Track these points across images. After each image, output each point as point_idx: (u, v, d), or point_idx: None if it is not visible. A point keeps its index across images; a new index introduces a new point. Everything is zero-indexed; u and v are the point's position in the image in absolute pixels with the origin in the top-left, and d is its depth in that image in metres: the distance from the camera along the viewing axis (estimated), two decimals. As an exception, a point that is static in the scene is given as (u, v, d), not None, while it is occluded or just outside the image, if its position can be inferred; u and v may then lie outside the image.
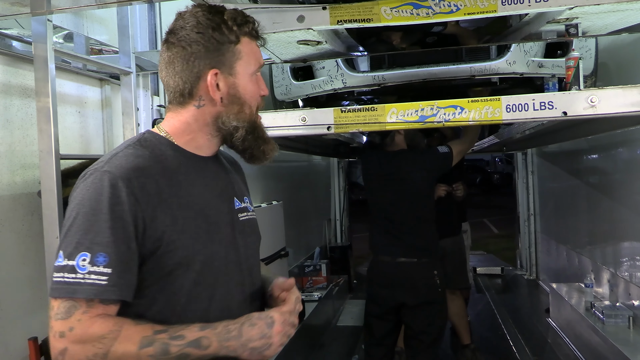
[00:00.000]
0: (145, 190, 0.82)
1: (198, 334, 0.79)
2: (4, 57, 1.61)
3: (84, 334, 0.75)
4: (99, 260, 0.77)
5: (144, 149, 0.88)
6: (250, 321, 0.84)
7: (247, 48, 0.92)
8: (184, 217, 0.86)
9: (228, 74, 0.90)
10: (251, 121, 0.93)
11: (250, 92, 0.93)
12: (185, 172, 0.90)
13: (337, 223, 5.67)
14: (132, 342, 0.76)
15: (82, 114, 1.97)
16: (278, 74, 2.78)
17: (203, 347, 0.79)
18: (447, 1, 1.55)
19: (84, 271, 0.76)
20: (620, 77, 2.67)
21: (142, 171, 0.83)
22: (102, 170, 0.82)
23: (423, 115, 1.69)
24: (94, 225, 0.78)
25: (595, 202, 3.04)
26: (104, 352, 0.75)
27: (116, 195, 0.80)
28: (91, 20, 2.04)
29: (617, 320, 2.40)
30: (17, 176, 1.62)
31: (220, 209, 0.94)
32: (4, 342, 1.53)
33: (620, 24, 1.71)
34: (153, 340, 0.77)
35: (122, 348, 0.76)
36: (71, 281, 0.76)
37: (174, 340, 0.78)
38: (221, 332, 0.81)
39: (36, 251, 1.62)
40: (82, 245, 0.78)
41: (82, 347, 0.75)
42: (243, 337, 0.82)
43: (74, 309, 0.76)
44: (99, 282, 0.77)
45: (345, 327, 4.08)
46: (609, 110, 1.56)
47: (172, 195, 0.86)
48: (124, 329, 0.77)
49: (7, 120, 1.60)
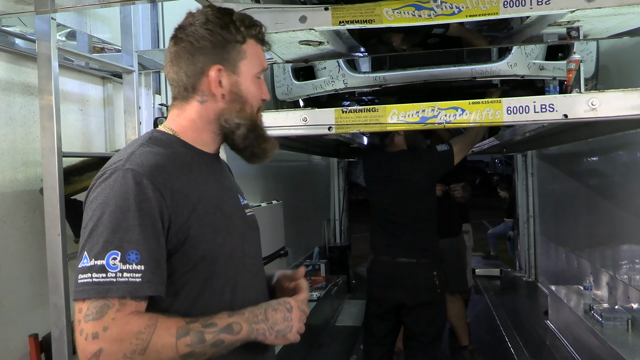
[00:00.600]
0: (168, 187, 0.83)
1: (228, 320, 0.83)
2: (7, 54, 1.61)
3: (121, 332, 0.75)
4: (131, 258, 0.77)
5: (158, 147, 0.89)
6: (272, 306, 0.89)
7: (252, 50, 0.94)
8: (205, 212, 0.87)
9: (231, 72, 0.92)
10: (252, 120, 0.95)
11: (252, 92, 0.94)
12: (199, 169, 0.91)
13: (337, 223, 5.67)
14: (169, 333, 0.77)
15: (84, 112, 1.98)
16: (279, 74, 2.79)
17: (235, 332, 0.83)
18: (449, 3, 1.55)
19: (116, 269, 0.76)
20: (621, 80, 2.67)
21: (163, 168, 0.85)
22: (124, 169, 0.82)
23: (424, 116, 1.70)
24: (123, 223, 0.78)
25: (594, 204, 3.04)
26: (142, 347, 0.75)
27: (142, 192, 0.80)
28: (94, 19, 2.05)
29: (616, 323, 2.40)
30: (19, 173, 1.63)
31: (231, 203, 0.97)
32: (4, 339, 1.53)
33: (622, 27, 1.72)
34: (188, 330, 0.79)
35: (161, 341, 0.76)
36: (102, 281, 0.75)
37: (208, 328, 0.80)
38: (249, 317, 0.85)
39: (37, 248, 1.63)
40: (111, 244, 0.77)
41: (119, 345, 0.75)
42: (269, 320, 0.87)
43: (106, 309, 0.75)
44: (133, 279, 0.76)
45: (344, 327, 4.09)
46: (609, 113, 1.57)
47: (192, 190, 0.87)
48: (159, 323, 0.78)
49: (9, 118, 1.61)
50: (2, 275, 1.54)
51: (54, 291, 1.45)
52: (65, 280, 1.45)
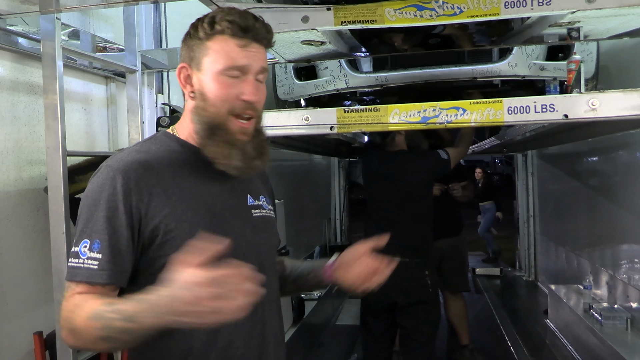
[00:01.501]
0: (142, 182, 0.86)
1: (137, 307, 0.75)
2: (12, 54, 1.62)
3: (63, 310, 0.83)
4: (95, 247, 0.84)
5: (151, 145, 0.93)
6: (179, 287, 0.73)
7: (218, 46, 0.89)
8: (185, 208, 0.88)
9: (197, 69, 0.91)
10: (213, 122, 0.89)
11: (213, 90, 0.89)
12: (192, 167, 0.92)
13: (337, 222, 5.68)
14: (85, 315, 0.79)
15: (88, 111, 1.99)
16: (281, 74, 2.80)
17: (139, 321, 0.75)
18: (451, 3, 1.56)
19: (84, 256, 0.84)
20: (622, 80, 2.68)
21: (141, 164, 0.88)
22: (105, 165, 0.89)
23: (425, 116, 1.71)
24: (93, 215, 0.85)
25: (594, 204, 3.05)
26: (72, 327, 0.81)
27: (112, 187, 0.86)
28: (97, 19, 2.06)
29: (615, 322, 2.41)
30: (23, 172, 1.64)
31: (230, 203, 0.95)
32: (9, 336, 1.54)
33: (622, 28, 1.73)
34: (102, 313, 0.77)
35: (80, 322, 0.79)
36: (74, 265, 0.84)
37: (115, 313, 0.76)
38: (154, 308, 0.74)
39: (41, 246, 1.64)
40: (84, 233, 0.85)
41: (64, 323, 0.82)
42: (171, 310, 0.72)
43: (68, 290, 0.84)
44: (91, 266, 0.83)
45: (345, 325, 4.10)
46: (609, 113, 1.58)
47: (174, 187, 0.89)
48: (84, 303, 0.81)
49: (14, 117, 1.62)
50: (7, 273, 1.55)
51: (58, 289, 1.46)
52: (69, 278, 1.45)
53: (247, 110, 0.90)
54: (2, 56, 1.59)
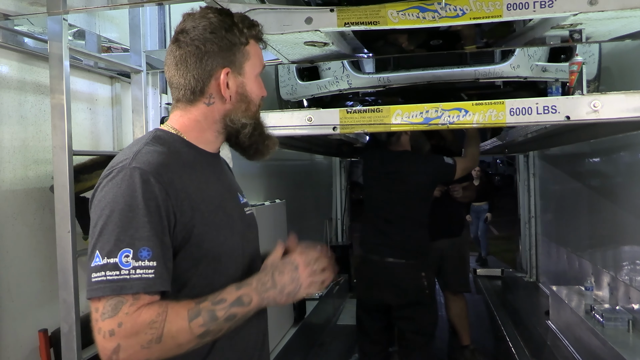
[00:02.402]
0: (173, 185, 0.84)
1: (237, 293, 0.84)
2: (19, 54, 1.64)
3: (134, 325, 0.76)
4: (143, 255, 0.78)
5: (161, 146, 0.90)
6: (278, 269, 0.89)
7: (254, 50, 0.97)
8: (208, 211, 0.89)
9: (238, 74, 0.94)
10: (257, 118, 0.99)
11: (255, 91, 0.98)
12: (200, 168, 0.93)
13: (338, 222, 5.69)
14: (181, 317, 0.79)
15: (93, 111, 2.00)
16: (284, 74, 2.81)
17: (246, 303, 0.84)
18: (453, 5, 1.57)
19: (129, 267, 0.77)
20: (624, 81, 2.69)
21: (168, 167, 0.86)
22: (131, 167, 0.83)
23: (428, 117, 1.72)
24: (132, 221, 0.79)
25: (596, 205, 3.06)
26: (157, 336, 0.77)
27: (150, 190, 0.81)
28: (103, 19, 2.07)
29: (617, 323, 2.41)
30: (30, 171, 1.65)
31: (232, 202, 0.98)
32: (15, 333, 1.56)
33: (624, 30, 1.74)
34: (199, 310, 0.80)
35: (174, 326, 0.78)
36: (115, 279, 0.77)
37: (218, 304, 0.82)
38: (257, 286, 0.86)
39: (47, 245, 1.65)
40: (122, 242, 0.78)
41: (135, 338, 0.76)
42: (278, 285, 0.87)
43: (120, 305, 0.77)
44: (147, 276, 0.78)
45: (345, 326, 4.11)
46: (611, 115, 1.58)
47: (195, 189, 0.88)
48: (169, 309, 0.79)
49: (21, 117, 1.64)
50: (13, 271, 1.57)
51: (63, 287, 1.47)
52: (74, 277, 1.47)
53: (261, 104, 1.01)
54: (10, 56, 1.61)
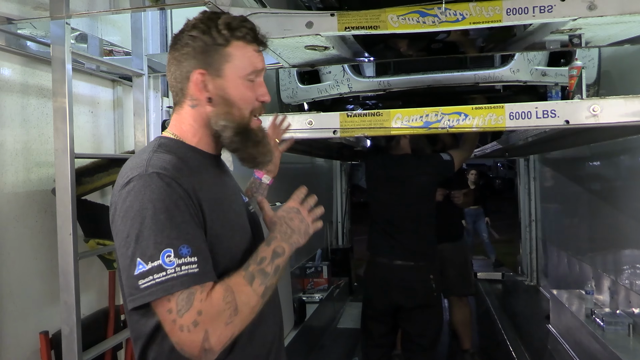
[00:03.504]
0: (190, 188, 0.86)
1: (270, 248, 0.92)
2: (21, 57, 1.65)
3: (212, 307, 0.80)
4: (184, 252, 0.80)
5: (168, 153, 0.90)
6: (287, 217, 0.97)
7: (239, 52, 0.93)
8: (222, 212, 0.92)
9: (216, 76, 0.92)
10: (241, 123, 0.94)
11: (240, 94, 0.93)
12: (206, 171, 0.94)
13: (339, 225, 5.70)
14: (243, 284, 0.85)
15: (95, 114, 2.01)
16: (285, 78, 2.83)
17: (281, 253, 0.91)
18: (453, 10, 1.58)
19: (173, 265, 0.78)
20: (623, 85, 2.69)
21: (181, 171, 0.87)
22: (149, 174, 0.84)
23: (427, 121, 1.73)
24: (167, 223, 0.80)
25: (596, 209, 3.06)
26: (234, 308, 0.82)
27: (175, 192, 0.83)
28: (105, 23, 2.09)
29: (617, 327, 2.41)
30: (32, 174, 1.66)
31: (238, 202, 1.01)
32: (16, 335, 1.56)
33: (623, 35, 1.75)
34: (251, 273, 0.87)
35: (242, 294, 0.84)
36: (164, 279, 0.78)
37: (262, 263, 0.89)
38: (283, 236, 0.94)
39: (48, 247, 1.66)
40: (161, 244, 0.79)
41: (218, 319, 0.80)
42: (295, 229, 0.97)
43: (192, 296, 0.79)
44: (193, 271, 0.80)
45: (346, 329, 4.10)
46: (610, 119, 1.59)
47: (206, 192, 0.90)
48: (230, 283, 0.84)
49: (23, 120, 1.65)
50: (14, 273, 1.57)
51: (64, 289, 1.47)
52: (75, 279, 1.47)
53: (261, 110, 0.98)
54: (13, 60, 1.62)
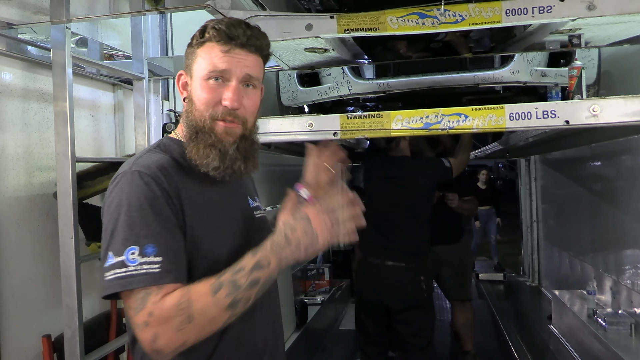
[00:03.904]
0: (173, 187, 0.87)
1: (254, 259, 0.83)
2: (22, 62, 1.66)
3: (163, 311, 0.79)
4: (148, 252, 0.81)
5: (163, 152, 0.94)
6: (290, 226, 0.85)
7: (205, 52, 0.91)
8: (209, 213, 0.91)
9: (189, 76, 0.96)
10: (197, 126, 0.92)
11: (198, 95, 0.92)
12: (202, 173, 0.94)
13: (341, 227, 5.68)
14: (204, 293, 0.80)
15: (96, 118, 2.02)
16: (285, 80, 2.83)
17: (265, 266, 0.83)
18: (452, 11, 1.59)
19: (135, 263, 0.80)
20: (624, 85, 2.69)
21: (166, 170, 0.89)
22: (131, 171, 0.87)
23: (427, 122, 1.73)
24: (137, 221, 0.82)
25: (598, 209, 3.06)
26: (187, 315, 0.79)
27: (151, 190, 0.85)
28: (105, 27, 2.10)
29: (619, 327, 2.40)
30: (33, 178, 1.67)
31: (238, 205, 1.00)
32: (18, 339, 1.57)
33: (623, 35, 1.75)
34: (220, 283, 0.81)
35: (200, 303, 0.80)
36: (124, 275, 0.80)
37: (238, 273, 0.82)
38: (274, 247, 0.84)
39: (50, 251, 1.66)
40: (128, 240, 0.81)
41: (168, 324, 0.79)
42: (292, 242, 0.84)
43: (147, 296, 0.80)
44: (153, 270, 0.80)
45: (347, 330, 4.10)
46: (610, 119, 1.59)
47: (196, 192, 0.91)
48: (191, 289, 0.81)
49: (24, 124, 1.65)
50: (17, 277, 1.58)
51: (66, 293, 1.48)
52: (77, 282, 1.48)
53: (227, 116, 0.92)
54: (14, 64, 1.63)
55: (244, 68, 0.92)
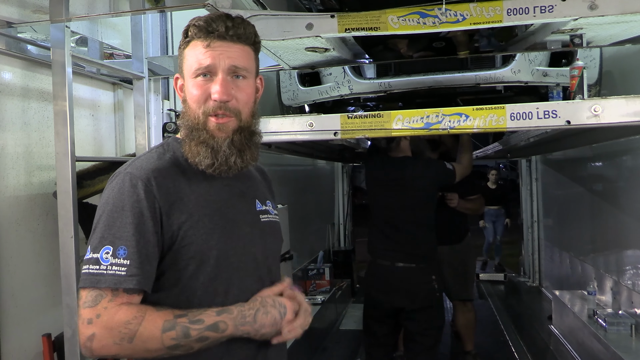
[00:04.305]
0: (162, 189, 0.88)
1: (216, 318, 0.85)
2: (22, 61, 1.65)
3: (111, 321, 0.81)
4: (120, 253, 0.84)
5: (165, 152, 0.96)
6: (265, 309, 0.89)
7: (190, 51, 0.92)
8: (201, 214, 0.91)
9: (182, 78, 0.96)
10: (192, 124, 0.93)
11: (190, 94, 0.93)
12: (203, 173, 0.94)
13: (341, 227, 5.69)
14: (155, 326, 0.82)
15: (96, 117, 2.02)
16: (285, 80, 2.83)
17: (220, 330, 0.85)
18: (453, 10, 1.58)
19: (107, 263, 0.83)
20: (625, 85, 2.69)
21: (160, 172, 0.90)
22: (124, 172, 0.90)
23: (428, 122, 1.72)
24: (116, 221, 0.86)
25: (598, 209, 3.05)
26: (130, 336, 0.81)
27: (136, 194, 0.87)
28: (105, 26, 2.09)
29: (620, 328, 2.40)
30: (33, 177, 1.67)
31: (240, 208, 0.98)
32: (18, 338, 1.56)
33: (624, 34, 1.74)
34: (175, 324, 0.82)
35: (147, 332, 0.81)
36: (95, 272, 0.83)
37: (194, 324, 0.83)
38: (237, 316, 0.87)
39: (50, 250, 1.66)
40: (105, 239, 0.85)
41: (110, 332, 0.81)
42: (257, 323, 0.88)
43: (100, 298, 0.82)
44: (119, 272, 0.83)
45: (348, 330, 4.10)
46: (611, 119, 1.58)
47: (190, 194, 0.91)
48: (147, 314, 0.82)
49: (24, 123, 1.65)
50: (17, 276, 1.57)
51: (66, 292, 1.48)
52: (77, 281, 1.48)
53: (218, 110, 0.91)
54: (13, 63, 1.62)
55: (227, 60, 0.91)
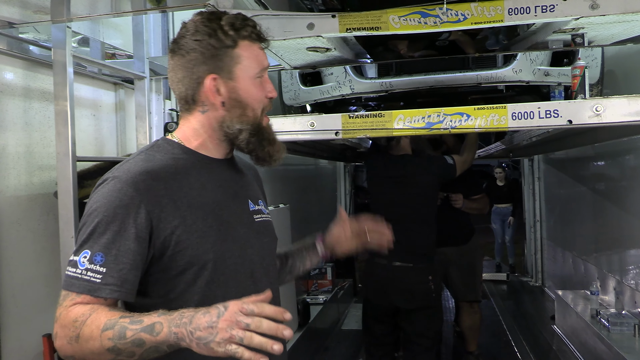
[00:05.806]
0: (151, 193, 0.85)
1: (155, 319, 0.76)
2: (23, 61, 1.66)
3: (65, 319, 0.81)
4: (97, 260, 0.82)
5: (155, 153, 0.92)
6: (208, 309, 0.75)
7: (247, 52, 0.92)
8: (194, 217, 0.88)
9: (228, 79, 0.91)
10: (255, 124, 0.94)
11: (252, 95, 0.93)
12: (198, 174, 0.93)
13: (343, 227, 5.67)
14: (96, 325, 0.78)
15: (97, 117, 2.02)
16: (287, 80, 2.83)
17: (155, 332, 0.75)
18: (455, 10, 1.58)
19: (83, 267, 0.82)
20: (627, 84, 2.68)
21: (149, 174, 0.87)
22: (111, 177, 0.88)
23: (429, 122, 1.72)
24: (98, 227, 0.84)
25: (601, 209, 3.04)
26: (76, 335, 0.79)
27: (120, 199, 0.84)
28: (106, 26, 2.10)
29: (623, 328, 2.40)
30: (34, 177, 1.67)
31: (234, 209, 0.96)
32: (19, 338, 1.57)
33: (626, 34, 1.74)
34: (115, 323, 0.77)
35: (88, 330, 0.78)
36: (72, 275, 0.83)
37: (133, 324, 0.77)
38: (175, 318, 0.76)
39: (51, 250, 1.66)
40: (86, 243, 0.84)
41: (64, 331, 0.80)
42: (192, 324, 0.74)
43: (66, 297, 0.82)
44: (94, 279, 0.82)
45: (350, 330, 4.10)
46: (613, 119, 1.58)
47: (182, 196, 0.88)
48: (94, 313, 0.79)
49: (25, 123, 1.65)
50: (17, 276, 1.58)
51: (67, 292, 1.48)
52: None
53: (270, 106, 0.97)
54: (15, 64, 1.63)
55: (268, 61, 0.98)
